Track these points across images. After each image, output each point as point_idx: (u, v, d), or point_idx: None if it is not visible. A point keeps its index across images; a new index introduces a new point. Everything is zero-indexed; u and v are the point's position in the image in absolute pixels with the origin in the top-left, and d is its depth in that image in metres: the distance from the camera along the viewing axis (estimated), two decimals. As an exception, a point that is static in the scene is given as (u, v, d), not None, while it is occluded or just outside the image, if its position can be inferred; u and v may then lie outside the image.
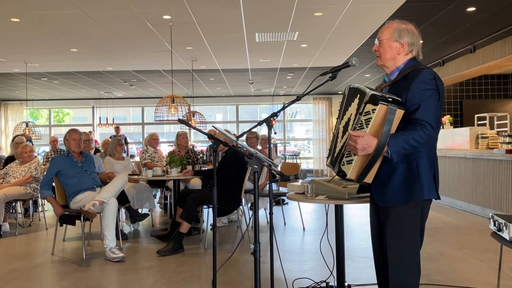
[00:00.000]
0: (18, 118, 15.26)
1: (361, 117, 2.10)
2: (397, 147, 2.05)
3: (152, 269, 4.19)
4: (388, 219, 2.23)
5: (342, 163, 2.20)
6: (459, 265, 4.14)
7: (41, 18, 6.15)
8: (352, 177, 2.16)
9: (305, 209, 7.34)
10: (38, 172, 6.04)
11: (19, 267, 4.34)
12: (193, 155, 6.84)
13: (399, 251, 2.20)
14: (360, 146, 2.05)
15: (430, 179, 2.18)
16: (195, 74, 10.97)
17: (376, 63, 2.39)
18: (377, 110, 2.04)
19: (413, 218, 2.20)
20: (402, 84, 2.20)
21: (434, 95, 2.13)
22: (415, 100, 2.11)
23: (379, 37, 2.33)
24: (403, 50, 2.28)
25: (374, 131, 2.07)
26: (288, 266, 4.18)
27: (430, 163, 2.19)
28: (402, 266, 2.20)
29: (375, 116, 2.05)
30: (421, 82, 2.13)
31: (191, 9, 5.87)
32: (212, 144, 2.96)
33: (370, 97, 2.06)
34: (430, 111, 2.10)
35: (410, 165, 2.16)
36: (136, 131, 17.95)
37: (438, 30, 7.17)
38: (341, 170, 2.21)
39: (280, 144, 15.90)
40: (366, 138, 2.05)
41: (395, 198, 2.18)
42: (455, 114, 11.57)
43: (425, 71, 2.16)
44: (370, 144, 2.05)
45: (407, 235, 2.20)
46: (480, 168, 6.64)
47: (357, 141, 2.05)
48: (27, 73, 10.27)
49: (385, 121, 2.03)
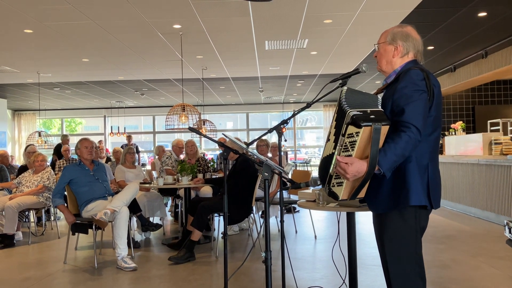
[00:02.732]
0: (31, 127, 15.46)
1: (344, 139, 1.99)
2: (389, 163, 1.97)
3: (164, 277, 4.18)
4: (381, 227, 2.19)
5: (332, 184, 2.10)
6: (474, 273, 4.08)
7: (54, 29, 6.24)
8: (345, 197, 2.08)
9: (317, 217, 7.30)
10: (51, 182, 6.09)
11: (32, 275, 4.36)
12: (203, 163, 6.85)
13: (397, 261, 2.14)
14: (350, 175, 1.96)
15: (420, 184, 2.08)
16: (205, 83, 11.03)
17: (376, 68, 2.39)
18: (361, 133, 1.92)
19: (407, 226, 2.12)
20: (392, 87, 2.15)
21: (423, 96, 2.03)
22: (401, 101, 2.03)
23: (377, 43, 2.33)
24: (397, 52, 2.25)
25: (361, 153, 1.98)
26: (299, 275, 4.15)
27: (420, 168, 2.09)
28: (402, 276, 2.14)
29: (359, 139, 1.94)
30: (408, 82, 2.06)
31: (201, 18, 5.91)
32: (223, 152, 2.96)
33: (351, 119, 1.95)
34: (417, 113, 1.99)
35: (399, 171, 2.08)
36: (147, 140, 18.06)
37: (449, 35, 7.14)
38: (332, 192, 2.11)
39: (291, 152, 15.87)
40: (356, 165, 1.95)
41: (384, 204, 2.13)
42: (468, 120, 11.46)
43: (414, 71, 2.09)
44: (360, 170, 1.95)
45: (403, 244, 2.13)
46: (494, 174, 6.55)
47: (347, 171, 1.95)
48: (39, 84, 10.41)
49: (371, 142, 1.94)
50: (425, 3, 5.52)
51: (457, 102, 11.52)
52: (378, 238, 2.26)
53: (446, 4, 5.64)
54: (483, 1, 5.54)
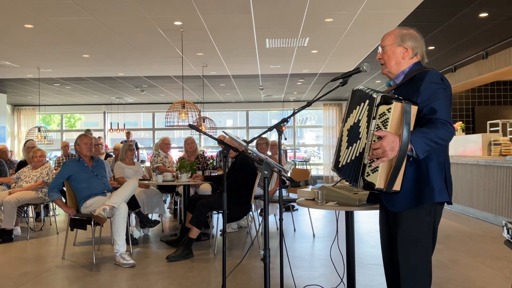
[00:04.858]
0: (31, 123, 15.44)
1: (376, 121, 2.02)
2: (421, 144, 1.98)
3: (162, 274, 4.19)
4: (399, 226, 2.18)
5: (366, 174, 2.07)
6: (472, 274, 4.08)
7: (54, 24, 6.23)
8: (381, 186, 2.03)
9: (315, 216, 7.30)
10: (50, 177, 6.09)
11: (30, 270, 4.37)
12: (203, 161, 6.85)
13: (411, 260, 2.16)
14: (388, 147, 1.95)
15: (441, 181, 2.13)
16: (205, 80, 11.02)
17: (381, 72, 2.37)
18: (392, 109, 1.98)
19: (426, 225, 2.15)
20: (409, 87, 2.18)
21: (448, 95, 2.11)
22: (428, 101, 2.07)
23: (382, 45, 2.32)
24: (407, 54, 2.27)
25: (393, 131, 2.00)
26: (298, 273, 4.16)
27: (440, 166, 2.15)
28: (414, 274, 2.16)
29: (392, 116, 1.99)
30: (431, 82, 2.10)
31: (202, 15, 5.90)
32: (223, 150, 2.96)
33: (382, 99, 2.02)
34: (446, 110, 2.07)
35: (420, 168, 2.12)
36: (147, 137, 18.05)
37: (450, 36, 7.13)
38: (367, 183, 2.07)
39: (290, 150, 15.87)
40: (390, 137, 1.96)
41: (406, 202, 2.13)
42: (467, 121, 11.46)
43: (432, 71, 2.15)
44: (395, 143, 1.96)
45: (419, 243, 2.15)
46: (493, 175, 6.56)
47: (383, 144, 1.95)
48: (39, 79, 10.39)
49: (403, 119, 1.97)
50: (427, 3, 5.51)
51: (457, 102, 11.51)
52: (390, 236, 2.28)
53: (448, 4, 5.63)
54: (484, 1, 5.54)
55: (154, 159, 6.96)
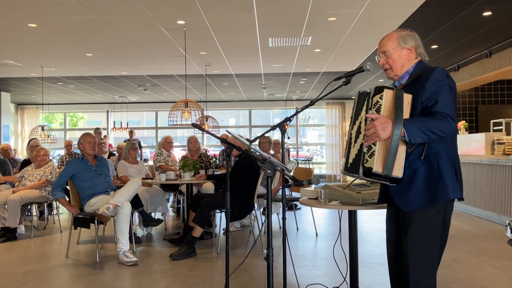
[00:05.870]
0: (34, 122, 15.48)
1: (372, 111, 2.10)
2: (415, 130, 2.01)
3: (165, 273, 4.20)
4: (410, 225, 2.18)
5: (365, 161, 2.12)
6: (474, 273, 4.08)
7: (58, 24, 6.24)
8: (379, 169, 2.06)
9: (318, 215, 7.30)
10: (53, 176, 6.11)
11: (34, 269, 4.39)
12: (206, 160, 6.86)
13: (421, 260, 2.16)
14: (380, 126, 2.00)
15: (453, 178, 2.15)
16: (208, 79, 11.03)
17: (387, 76, 2.37)
18: (384, 96, 2.08)
19: (436, 226, 2.16)
20: (415, 86, 2.20)
21: (450, 90, 2.13)
22: (432, 96, 2.10)
23: (384, 50, 2.32)
24: (412, 55, 2.29)
25: (386, 115, 2.07)
26: (300, 272, 4.16)
27: (450, 163, 2.16)
28: (422, 274, 2.16)
29: (384, 102, 2.07)
30: (436, 80, 2.13)
31: (205, 14, 5.90)
32: (226, 149, 2.96)
33: (374, 89, 2.11)
34: (449, 105, 2.08)
35: (432, 167, 2.13)
36: (150, 135, 18.07)
37: (453, 34, 7.11)
38: (366, 170, 2.11)
39: (293, 149, 15.86)
40: (381, 118, 2.02)
41: (419, 201, 2.14)
42: (470, 120, 11.43)
43: (438, 69, 2.17)
44: (387, 124, 2.00)
45: (429, 243, 2.16)
46: (496, 174, 6.54)
47: (374, 123, 2.01)
48: (43, 78, 10.42)
49: (395, 105, 2.05)
50: (430, 1, 5.50)
51: (460, 101, 11.48)
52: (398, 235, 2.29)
53: (451, 3, 5.62)
54: (488, 0, 5.52)
55: (157, 158, 6.98)
